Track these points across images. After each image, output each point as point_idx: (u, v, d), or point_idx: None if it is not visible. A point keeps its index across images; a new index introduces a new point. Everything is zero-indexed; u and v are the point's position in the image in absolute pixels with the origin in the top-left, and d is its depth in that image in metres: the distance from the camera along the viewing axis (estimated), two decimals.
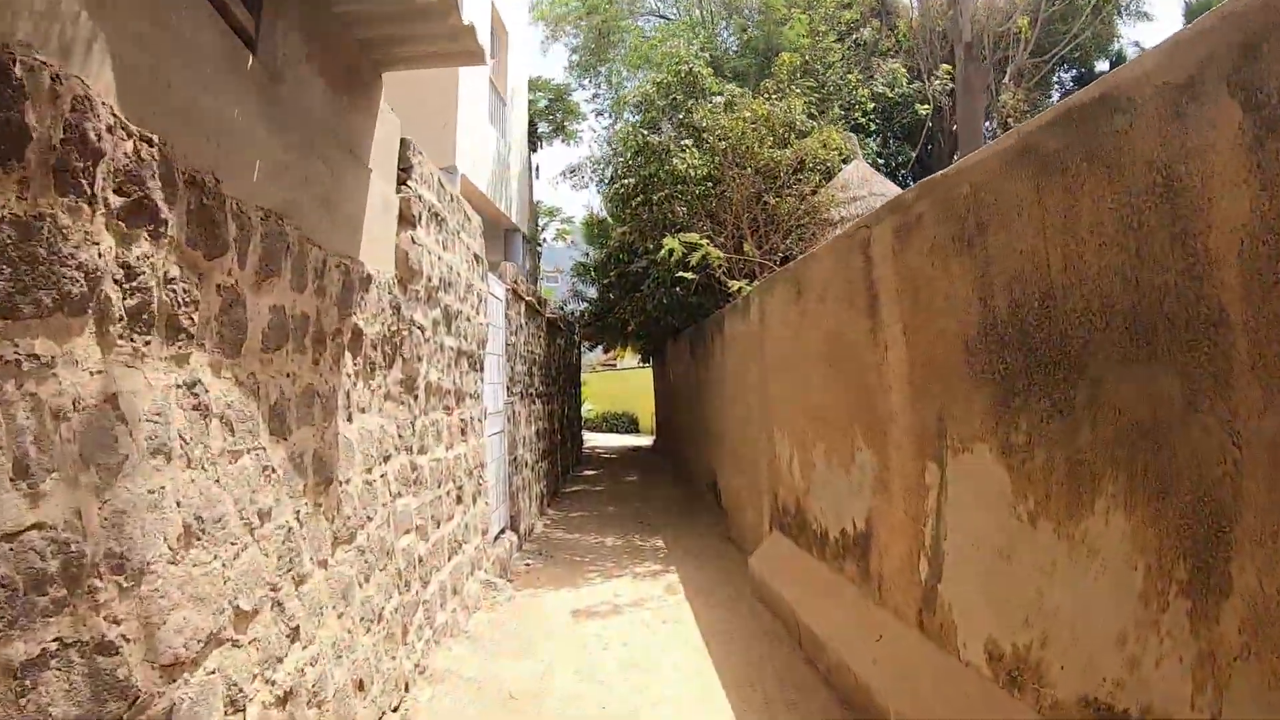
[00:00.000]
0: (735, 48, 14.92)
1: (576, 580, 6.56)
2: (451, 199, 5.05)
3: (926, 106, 15.70)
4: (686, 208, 8.64)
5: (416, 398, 4.17)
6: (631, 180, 9.43)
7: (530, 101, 18.57)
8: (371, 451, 3.55)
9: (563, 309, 16.53)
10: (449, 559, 4.92)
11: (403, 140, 4.17)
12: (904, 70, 17.21)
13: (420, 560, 4.24)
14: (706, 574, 6.69)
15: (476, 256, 5.81)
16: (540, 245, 19.92)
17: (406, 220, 4.09)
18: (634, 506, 10.28)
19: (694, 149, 8.64)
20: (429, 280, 4.35)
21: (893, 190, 12.05)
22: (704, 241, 7.35)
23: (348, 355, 3.28)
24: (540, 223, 20.21)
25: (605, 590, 6.26)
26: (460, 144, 8.44)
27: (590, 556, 7.46)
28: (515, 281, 7.90)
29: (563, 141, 20.11)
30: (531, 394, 9.21)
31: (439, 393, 4.76)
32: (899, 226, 3.65)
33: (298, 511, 2.74)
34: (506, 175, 11.15)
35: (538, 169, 19.16)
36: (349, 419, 3.30)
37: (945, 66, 16.82)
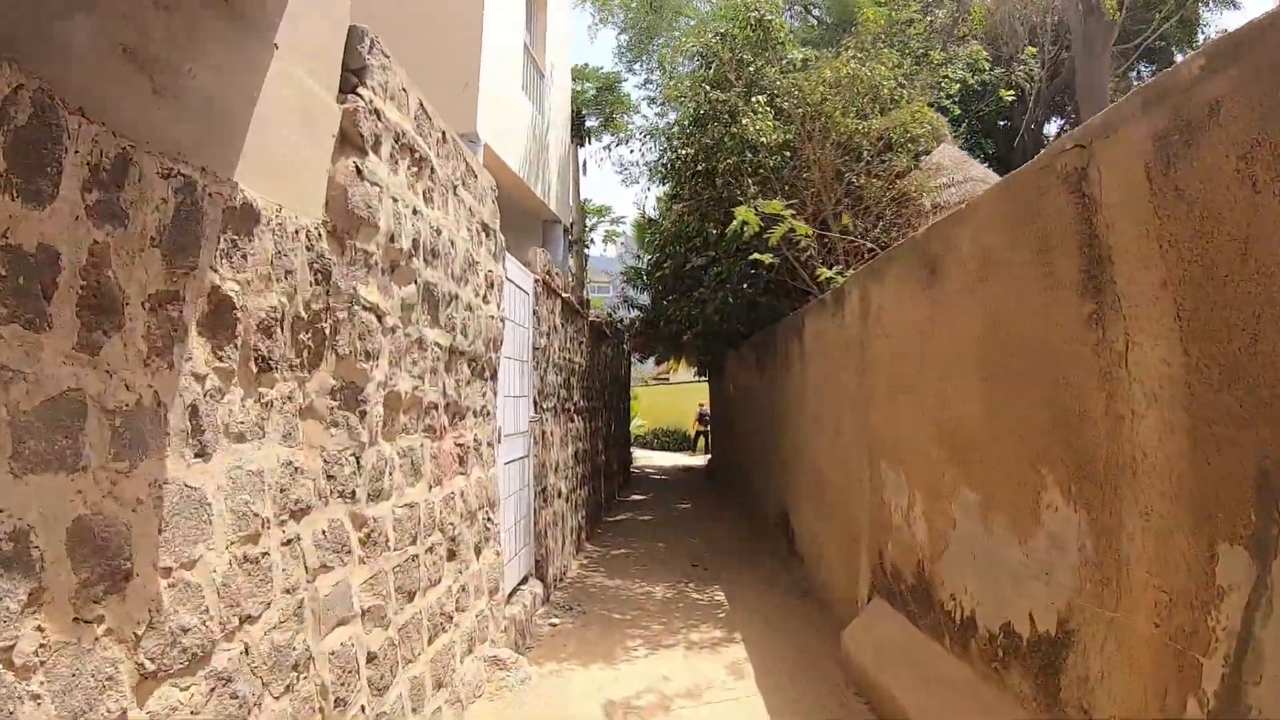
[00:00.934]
0: (800, 21, 13.40)
1: (614, 651, 5.08)
2: (443, 138, 3.65)
3: (1011, 93, 14.04)
4: (758, 184, 7.13)
5: (364, 415, 2.75)
6: (689, 150, 7.98)
7: (576, 92, 17.33)
8: (259, 507, 2.14)
9: (611, 316, 15.14)
10: (431, 640, 3.49)
11: (353, 29, 2.79)
12: (985, 53, 15.56)
13: (372, 658, 2.82)
14: (781, 646, 5.14)
15: (485, 227, 4.40)
16: (588, 246, 18.60)
17: (352, 144, 2.70)
18: (687, 543, 8.75)
19: (767, 110, 7.13)
20: (393, 240, 2.95)
21: (992, 177, 10.35)
22: (787, 213, 5.83)
23: (195, 340, 1.87)
24: (588, 223, 18.91)
25: (651, 670, 4.76)
26: (484, 109, 7.11)
27: (633, 613, 5.96)
28: (548, 273, 6.50)
29: (612, 136, 18.83)
30: (569, 409, 7.80)
31: (415, 408, 3.35)
32: (1165, 133, 2.11)
33: (43, 642, 1.35)
34: (544, 158, 9.82)
35: (585, 164, 17.87)
36: (201, 453, 1.90)
37: (1030, 49, 15.14)
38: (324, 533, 2.51)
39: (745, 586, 6.72)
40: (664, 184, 9.67)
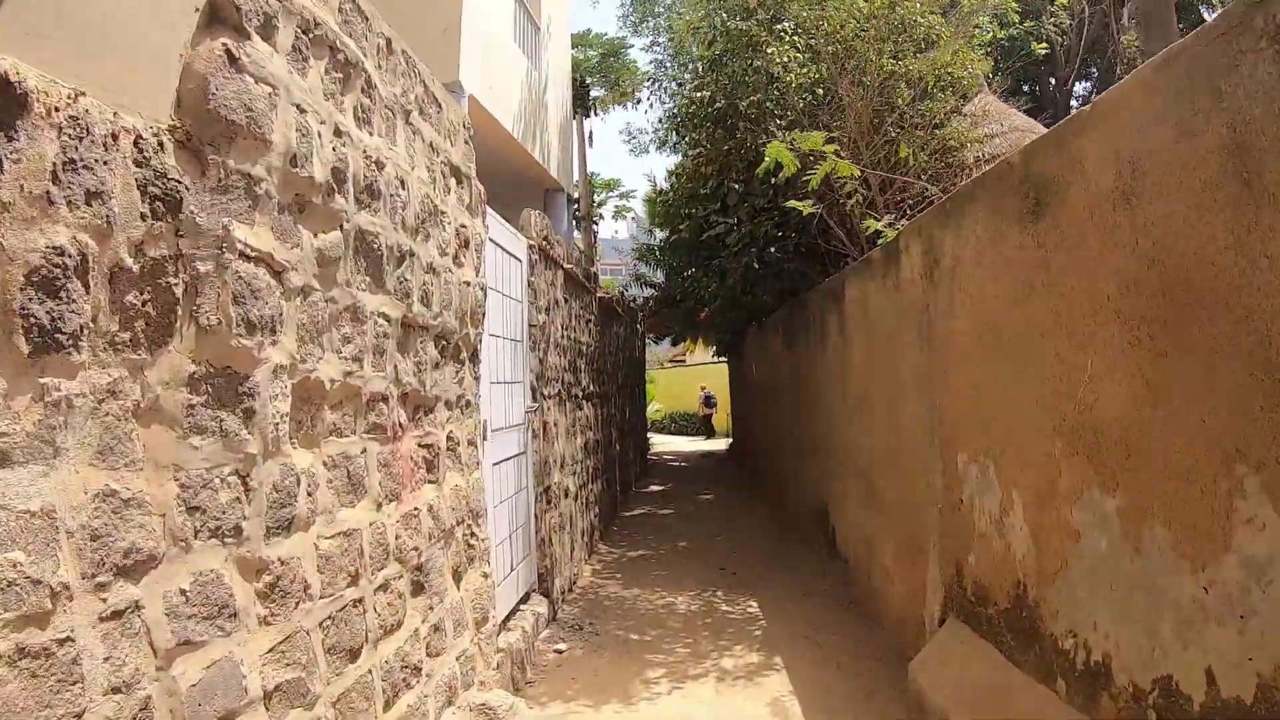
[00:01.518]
0: None
1: (631, 685, 4.26)
2: (388, 47, 2.80)
3: (1043, 46, 13.02)
4: (785, 129, 6.19)
5: (253, 414, 1.91)
6: (706, 93, 7.05)
7: (579, 60, 16.39)
8: (44, 568, 1.32)
9: (623, 294, 14.27)
10: (390, 704, 2.68)
11: None
12: (1014, 5, 14.52)
13: None
14: (831, 676, 4.31)
15: (455, 171, 3.55)
16: (596, 222, 17.71)
17: (225, 20, 1.84)
18: (712, 542, 7.92)
19: (795, 41, 6.19)
20: (296, 165, 2.09)
21: (1038, 128, 9.36)
22: (829, 147, 4.91)
23: None
24: (596, 198, 18.01)
25: (677, 711, 3.94)
26: (469, 58, 6.24)
27: (653, 632, 5.14)
28: (545, 239, 5.64)
29: (619, 106, 17.87)
30: (576, 396, 6.97)
31: (351, 402, 2.52)
32: None
33: None
34: (543, 119, 8.93)
35: (591, 136, 16.95)
36: None
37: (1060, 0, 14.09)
38: (184, 592, 1.68)
39: (781, 596, 5.88)
40: (678, 135, 8.69)
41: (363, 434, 2.60)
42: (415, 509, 3.02)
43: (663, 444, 21.87)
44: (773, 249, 7.07)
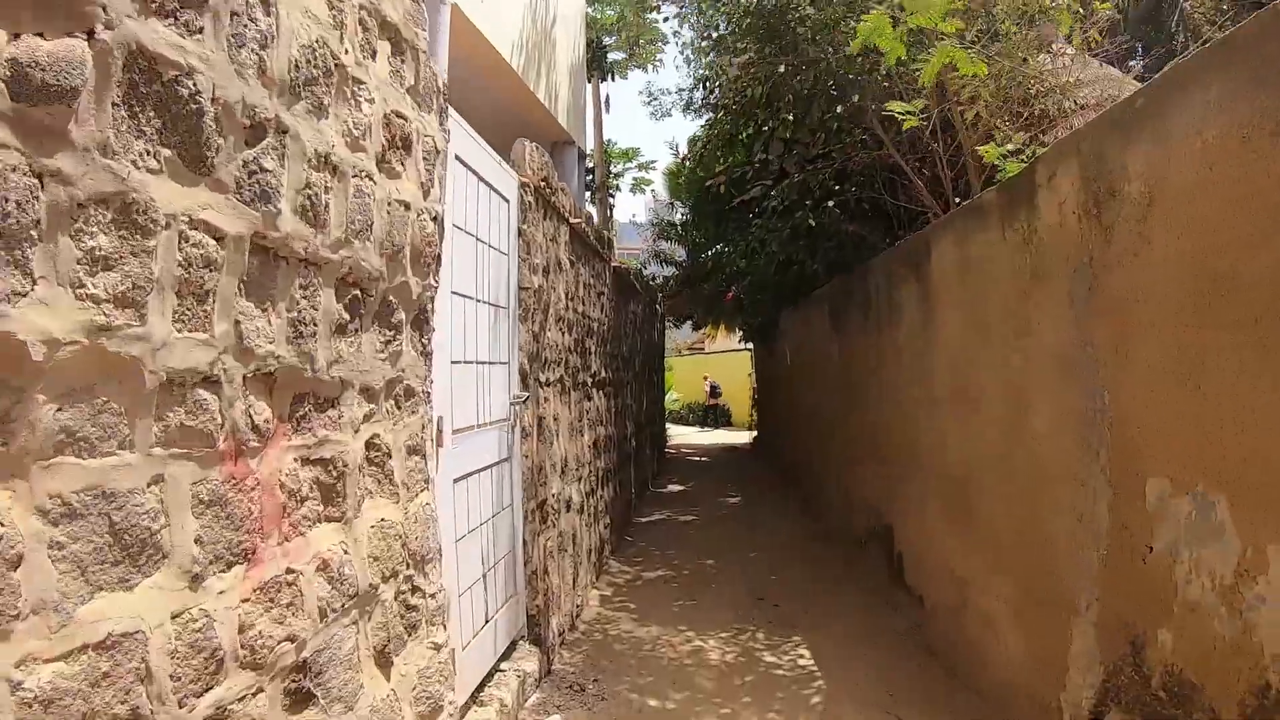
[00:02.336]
0: None
1: None
2: None
3: (1108, 5, 11.57)
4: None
5: None
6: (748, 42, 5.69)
7: (594, 19, 15.08)
8: None
9: (641, 271, 13.01)
10: None
11: None
12: None
13: None
14: None
15: (389, 27, 2.30)
16: (613, 194, 16.41)
17: None
18: (746, 560, 6.69)
19: None
20: None
21: (1129, 82, 7.99)
22: (950, 25, 3.59)
23: None
24: (613, 168, 16.72)
25: None
26: None
27: (678, 696, 3.92)
28: (545, 181, 4.39)
29: (638, 67, 16.54)
30: (584, 384, 5.74)
31: (116, 386, 1.29)
32: None
33: None
34: (551, 58, 7.65)
35: (608, 100, 15.64)
36: None
37: None
38: None
39: (838, 641, 4.65)
40: (716, 49, 7.32)
41: (149, 449, 1.38)
42: (290, 572, 1.80)
43: (681, 436, 20.65)
44: (830, 203, 5.78)
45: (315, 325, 1.92)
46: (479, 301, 3.30)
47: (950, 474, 4.30)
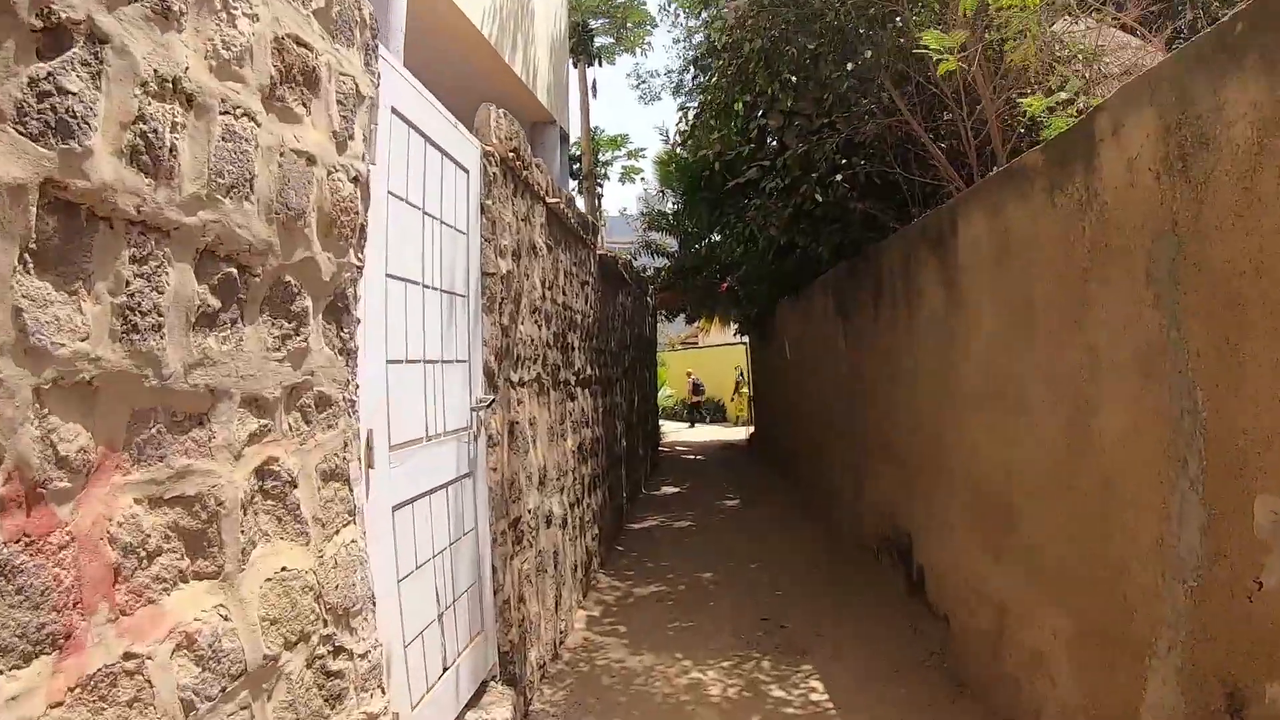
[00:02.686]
0: None
1: None
2: None
3: None
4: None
5: None
6: None
7: (579, 1, 14.53)
8: None
9: (631, 261, 12.47)
10: None
11: None
12: None
13: None
14: None
15: None
16: (601, 183, 15.86)
17: None
18: (747, 572, 6.18)
19: None
20: None
21: (1148, 48, 7.49)
22: None
23: None
24: (601, 157, 16.15)
25: None
26: None
27: None
28: (515, 152, 3.86)
29: (626, 50, 15.98)
30: (566, 382, 5.21)
31: None
32: None
33: None
34: (528, 29, 7.10)
35: (595, 85, 15.08)
36: None
37: None
38: None
39: (856, 672, 4.13)
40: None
41: None
42: (131, 657, 1.28)
43: (674, 433, 20.15)
44: (837, 177, 5.24)
45: (161, 315, 1.38)
46: (429, 288, 2.76)
47: (983, 484, 3.79)
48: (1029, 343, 3.30)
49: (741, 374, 22.43)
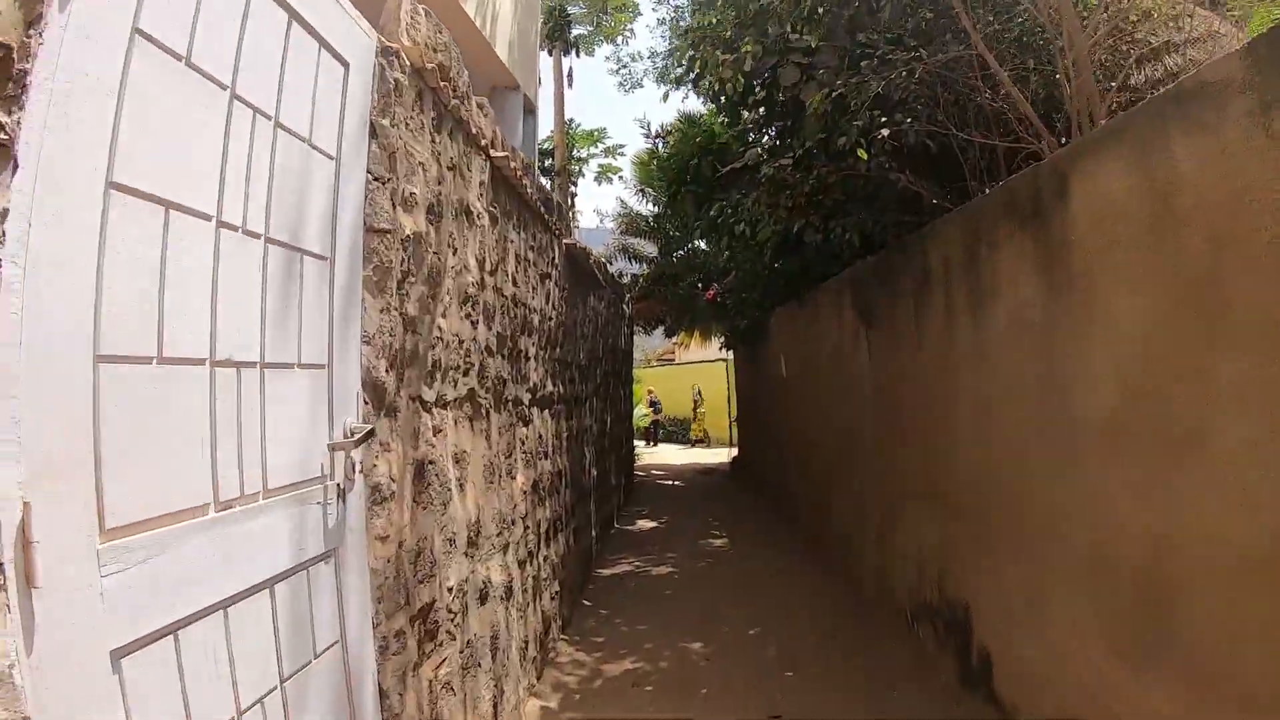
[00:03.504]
0: None
1: None
2: None
3: None
4: None
5: None
6: None
7: None
8: None
9: (608, 264, 11.31)
10: None
11: None
12: None
13: None
14: None
15: None
16: (575, 181, 14.68)
17: None
18: (744, 644, 4.97)
19: None
20: None
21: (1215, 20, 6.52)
22: None
23: None
24: (576, 153, 14.99)
25: None
26: None
27: None
28: (440, 67, 2.67)
29: (607, 39, 14.90)
30: (515, 401, 4.01)
31: None
32: None
33: None
34: None
35: (571, 73, 13.95)
36: None
37: None
38: None
39: None
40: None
41: None
42: None
43: (650, 455, 18.95)
44: (882, 134, 4.08)
45: None
46: (237, 231, 1.56)
47: (1113, 554, 2.64)
48: (1211, 345, 2.17)
49: (698, 393, 21.83)
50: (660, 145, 11.41)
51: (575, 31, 14.89)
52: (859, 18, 4.16)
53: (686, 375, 24.44)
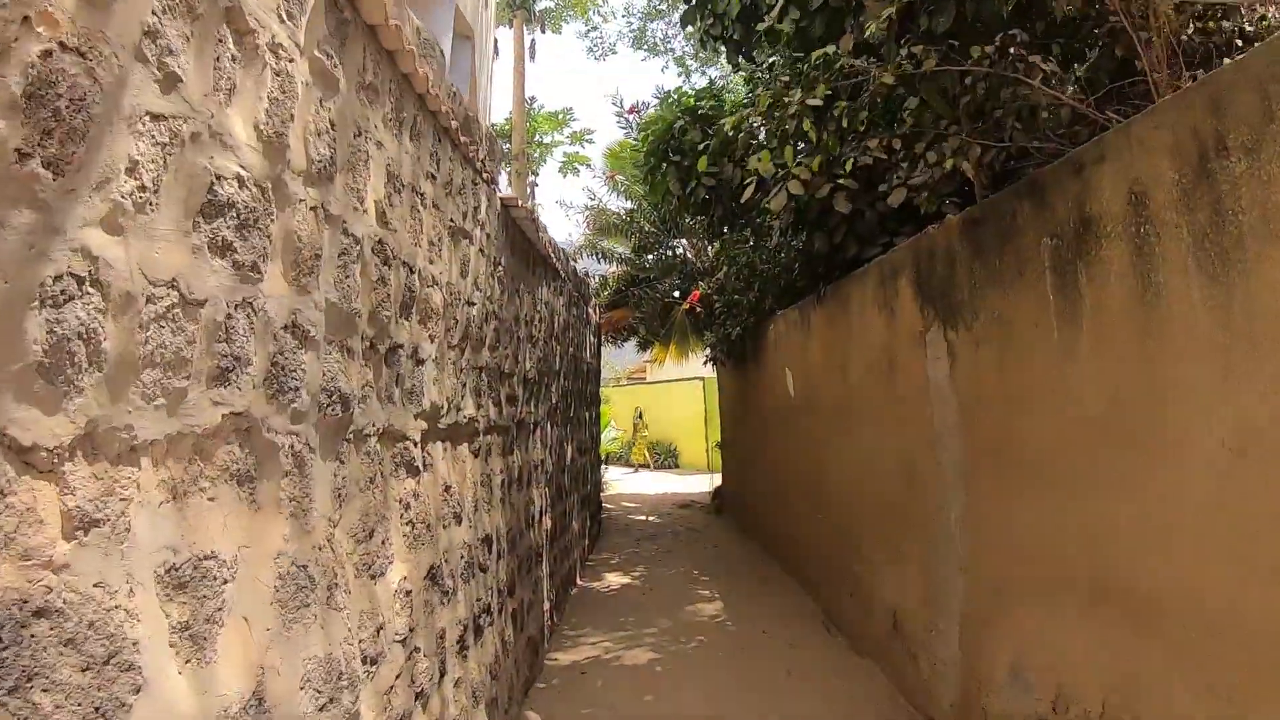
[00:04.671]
0: None
1: None
2: None
3: None
4: None
5: None
6: None
7: None
8: None
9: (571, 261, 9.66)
10: None
11: None
12: None
13: None
14: None
15: None
16: (536, 171, 12.99)
17: None
18: None
19: None
20: None
21: None
22: None
23: None
24: (540, 138, 13.33)
25: None
26: None
27: None
28: None
29: (575, 13, 13.32)
30: (390, 437, 2.31)
31: None
32: None
33: None
34: None
35: (534, 45, 12.30)
36: None
37: None
38: None
39: None
40: None
41: None
42: None
43: (619, 482, 17.14)
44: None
45: None
46: None
47: None
48: None
49: (639, 415, 20.76)
50: (636, 120, 9.78)
51: (541, 3, 13.30)
52: None
53: (660, 395, 22.74)
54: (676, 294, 13.17)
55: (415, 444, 2.54)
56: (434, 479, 2.75)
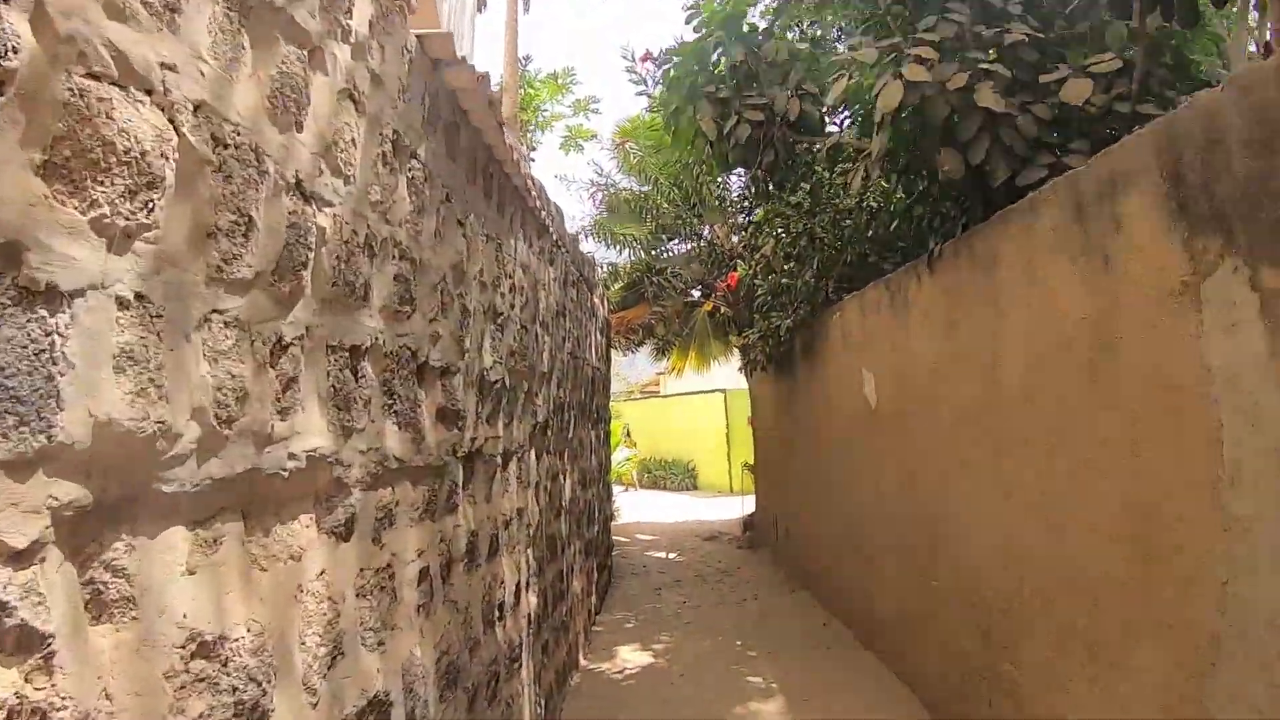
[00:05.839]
0: None
1: None
2: None
3: None
4: None
5: None
6: None
7: None
8: None
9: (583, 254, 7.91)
10: None
11: None
12: None
13: None
14: None
15: None
16: (533, 139, 11.28)
17: None
18: None
19: None
20: None
21: None
22: None
23: None
24: (536, 110, 11.62)
25: None
26: None
27: None
28: None
29: None
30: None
31: None
32: None
33: None
34: None
35: None
36: None
37: None
38: None
39: None
40: None
41: None
42: None
43: (632, 508, 15.26)
44: None
45: None
46: None
47: None
48: None
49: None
50: (652, 74, 7.99)
51: None
52: None
53: (676, 409, 20.90)
54: (696, 293, 11.44)
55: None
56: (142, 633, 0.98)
